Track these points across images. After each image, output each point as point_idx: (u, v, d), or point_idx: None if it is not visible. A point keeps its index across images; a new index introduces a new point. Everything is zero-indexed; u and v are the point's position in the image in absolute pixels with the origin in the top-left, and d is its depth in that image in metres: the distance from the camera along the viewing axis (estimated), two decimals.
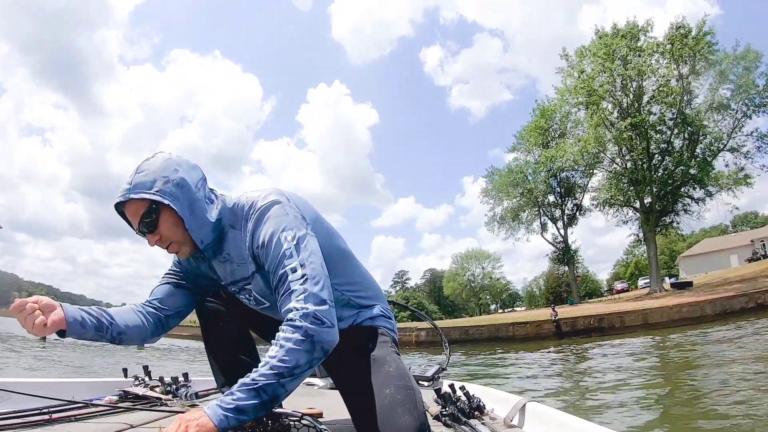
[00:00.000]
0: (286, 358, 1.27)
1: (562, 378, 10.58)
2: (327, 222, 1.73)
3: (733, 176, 31.57)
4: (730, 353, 10.77)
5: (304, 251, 1.42)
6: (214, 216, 1.56)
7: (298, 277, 1.37)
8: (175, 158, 1.57)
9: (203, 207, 1.54)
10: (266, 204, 1.51)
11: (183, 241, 1.55)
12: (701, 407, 6.09)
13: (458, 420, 1.90)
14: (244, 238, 1.54)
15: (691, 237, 62.37)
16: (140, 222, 1.49)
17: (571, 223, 44.33)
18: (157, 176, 1.47)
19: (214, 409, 1.22)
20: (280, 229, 1.45)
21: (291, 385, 1.30)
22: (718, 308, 21.94)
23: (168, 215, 1.49)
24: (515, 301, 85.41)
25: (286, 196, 1.57)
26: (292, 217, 1.50)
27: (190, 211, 1.51)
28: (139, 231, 1.51)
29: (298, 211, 1.54)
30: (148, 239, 1.52)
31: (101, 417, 2.00)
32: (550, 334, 23.85)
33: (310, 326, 1.30)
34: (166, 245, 1.54)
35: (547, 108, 39.69)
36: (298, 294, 1.35)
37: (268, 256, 1.44)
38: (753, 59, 30.60)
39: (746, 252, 51.69)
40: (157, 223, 1.49)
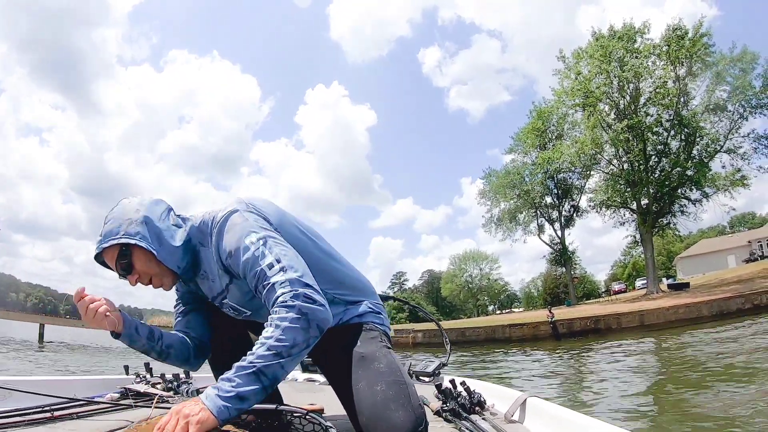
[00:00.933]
0: (283, 337, 1.26)
1: (558, 378, 10.60)
2: (303, 223, 1.74)
3: (730, 177, 31.59)
4: (725, 354, 10.79)
5: (274, 247, 1.43)
6: (180, 240, 1.60)
7: (276, 271, 1.38)
8: (136, 200, 1.63)
9: (170, 236, 1.58)
10: (225, 215, 1.53)
11: (161, 273, 1.59)
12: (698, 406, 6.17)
13: (459, 415, 1.90)
14: (212, 248, 1.57)
15: (689, 238, 62.44)
16: (117, 265, 1.54)
17: (568, 224, 44.37)
18: (121, 221, 1.54)
19: (213, 400, 1.19)
20: (244, 235, 1.46)
21: (290, 365, 1.29)
22: (714, 309, 21.96)
23: (139, 253, 1.54)
24: (513, 302, 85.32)
25: (245, 203, 1.58)
26: (252, 221, 1.51)
27: (158, 244, 1.55)
28: (120, 276, 1.57)
29: (259, 215, 1.56)
30: (129, 281, 1.57)
31: (103, 414, 2.01)
32: (546, 335, 23.86)
33: (303, 304, 1.31)
34: (147, 281, 1.59)
35: (544, 109, 39.69)
36: (281, 283, 1.35)
37: (239, 263, 1.45)
38: (749, 61, 30.69)
39: (743, 253, 51.76)
40: (131, 263, 1.54)
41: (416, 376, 3.24)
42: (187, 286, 1.80)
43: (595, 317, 24.13)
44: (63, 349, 25.49)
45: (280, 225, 1.59)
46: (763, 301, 21.68)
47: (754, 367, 8.71)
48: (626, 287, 58.69)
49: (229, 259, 1.49)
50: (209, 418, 1.15)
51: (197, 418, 1.14)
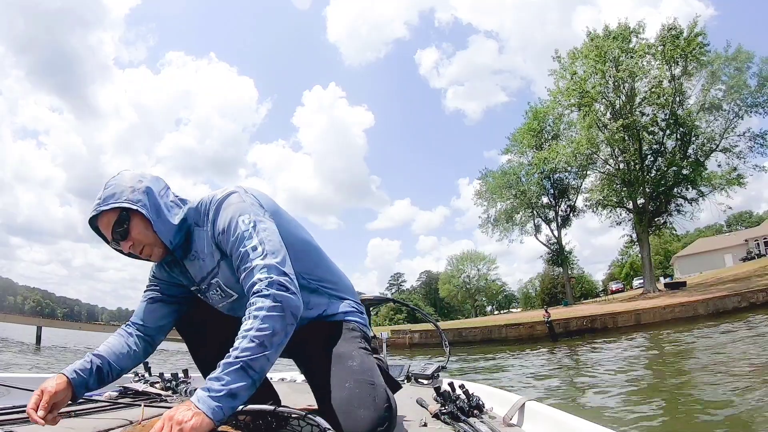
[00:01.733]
0: (263, 326, 1.28)
1: (555, 379, 10.58)
2: (290, 216, 1.78)
3: (726, 176, 31.62)
4: (720, 352, 10.81)
5: (261, 232, 1.48)
6: (178, 218, 1.62)
7: (258, 254, 1.42)
8: (137, 172, 1.66)
9: (168, 211, 1.61)
10: (223, 195, 1.59)
11: (154, 244, 1.60)
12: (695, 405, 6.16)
13: (457, 418, 1.90)
14: (207, 232, 1.61)
15: (686, 237, 62.54)
16: (113, 231, 1.55)
17: (565, 224, 44.48)
18: (123, 188, 1.56)
19: (205, 402, 1.18)
20: (238, 214, 1.51)
21: (274, 355, 1.30)
22: (710, 308, 21.99)
23: (138, 220, 1.56)
24: (511, 303, 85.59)
25: (244, 189, 1.64)
26: (249, 204, 1.56)
27: (156, 215, 1.57)
28: (113, 240, 1.58)
29: (255, 200, 1.60)
30: (122, 246, 1.59)
31: (101, 413, 2.01)
32: (542, 335, 23.83)
33: (277, 292, 1.34)
34: (140, 249, 1.60)
35: (540, 110, 39.83)
36: (260, 268, 1.39)
37: (229, 239, 1.50)
38: (744, 60, 30.77)
39: (740, 251, 51.95)
40: (129, 228, 1.56)
41: (415, 378, 3.31)
42: (168, 272, 1.80)
43: (591, 317, 24.14)
44: (64, 353, 25.47)
45: (274, 213, 1.64)
46: (760, 300, 21.70)
47: (750, 364, 8.72)
48: (624, 287, 58.91)
49: (221, 236, 1.54)
50: (203, 421, 1.14)
51: (191, 424, 1.13)
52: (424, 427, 1.88)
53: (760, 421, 5.06)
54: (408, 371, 3.39)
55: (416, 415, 2.09)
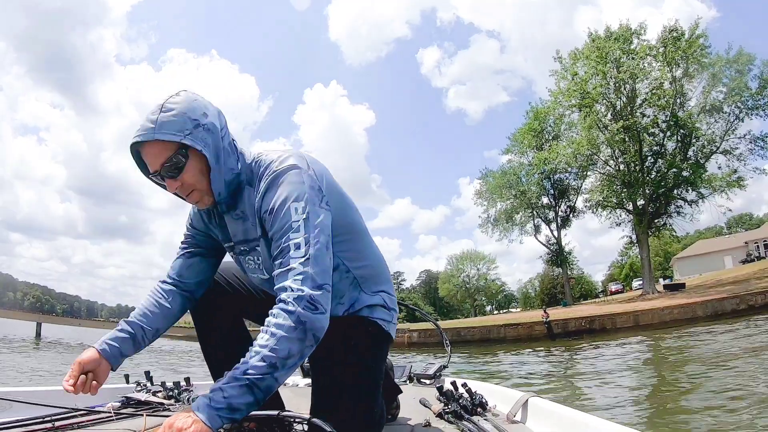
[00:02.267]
0: (277, 348, 1.21)
1: (552, 378, 10.62)
2: (344, 192, 1.64)
3: (726, 178, 31.58)
4: (718, 353, 10.83)
5: (312, 228, 1.34)
6: (238, 167, 1.50)
7: (300, 255, 1.30)
8: (202, 100, 1.47)
9: (227, 157, 1.46)
10: (283, 168, 1.42)
11: (206, 191, 1.46)
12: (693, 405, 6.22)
13: (461, 417, 1.90)
14: (256, 198, 1.46)
15: (686, 238, 62.51)
16: (163, 166, 1.38)
17: (565, 224, 44.41)
18: (186, 118, 1.37)
19: (206, 411, 1.15)
20: (292, 198, 1.36)
21: (284, 377, 1.25)
22: (709, 310, 21.99)
23: (196, 161, 1.40)
24: (510, 303, 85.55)
25: (307, 162, 1.47)
26: (308, 186, 1.40)
27: (216, 160, 1.42)
28: (157, 175, 1.41)
29: (316, 182, 1.44)
30: (167, 184, 1.42)
31: (104, 424, 2.00)
32: (541, 335, 23.86)
33: (303, 312, 1.24)
34: (187, 193, 1.45)
35: (541, 110, 39.76)
36: (296, 273, 1.28)
37: (275, 223, 1.36)
38: (745, 62, 30.70)
39: (740, 253, 52.00)
40: (183, 168, 1.39)
41: (417, 378, 3.30)
42: (206, 223, 1.69)
43: (589, 317, 24.15)
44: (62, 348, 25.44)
45: (330, 192, 1.51)
46: (758, 302, 21.70)
47: (745, 365, 8.75)
48: (623, 287, 58.90)
49: (267, 215, 1.39)
50: (202, 429, 1.13)
51: (190, 430, 1.12)
52: (428, 426, 1.89)
53: (757, 421, 5.11)
54: (410, 372, 3.39)
55: (420, 415, 2.09)
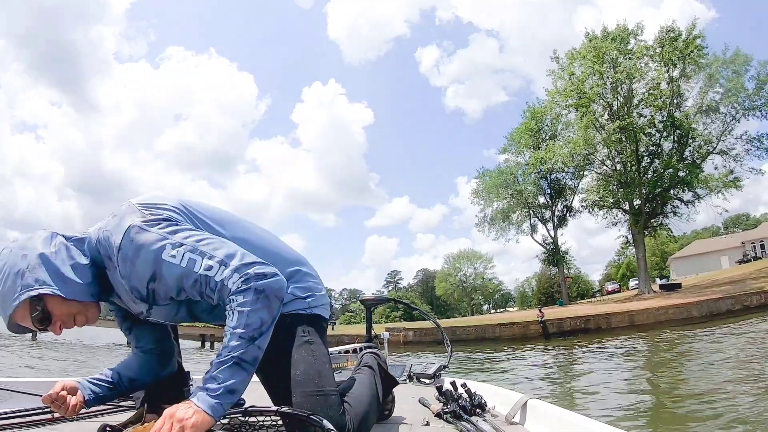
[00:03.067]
0: (249, 322, 1.24)
1: (547, 378, 10.66)
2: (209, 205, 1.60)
3: (723, 179, 31.65)
4: (712, 353, 10.91)
5: (198, 246, 1.33)
6: (82, 270, 1.42)
7: (217, 269, 1.29)
8: (16, 244, 1.41)
9: (70, 268, 1.40)
10: (123, 238, 1.35)
11: (82, 308, 1.42)
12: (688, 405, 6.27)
13: (460, 417, 1.89)
14: (119, 281, 1.43)
15: (683, 238, 62.65)
16: (35, 323, 1.36)
17: (561, 224, 44.48)
18: (15, 276, 1.34)
19: (205, 400, 1.17)
20: (159, 252, 1.32)
21: (265, 341, 1.28)
22: (704, 310, 22.09)
23: (52, 300, 1.35)
24: (508, 302, 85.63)
25: (138, 210, 1.40)
26: (156, 230, 1.35)
27: (62, 282, 1.37)
28: (40, 331, 1.41)
29: (156, 214, 1.39)
30: (52, 331, 1.39)
31: (104, 415, 2.01)
32: (536, 335, 23.94)
33: (257, 283, 1.27)
34: (72, 322, 1.42)
35: (538, 110, 39.86)
36: (228, 278, 1.28)
37: (170, 284, 1.34)
38: (742, 63, 30.81)
39: (737, 254, 52.07)
40: (48, 314, 1.36)
41: (417, 378, 3.28)
42: (114, 305, 1.64)
43: (584, 317, 24.22)
44: (54, 347, 25.39)
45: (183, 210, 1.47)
46: (753, 303, 21.83)
47: (740, 364, 8.83)
48: (620, 287, 58.93)
49: (154, 284, 1.36)
50: (204, 418, 1.14)
51: (192, 421, 1.13)
52: (427, 426, 1.89)
53: (750, 421, 5.15)
54: (410, 371, 3.38)
55: (419, 414, 2.10)
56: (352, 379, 1.83)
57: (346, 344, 16.34)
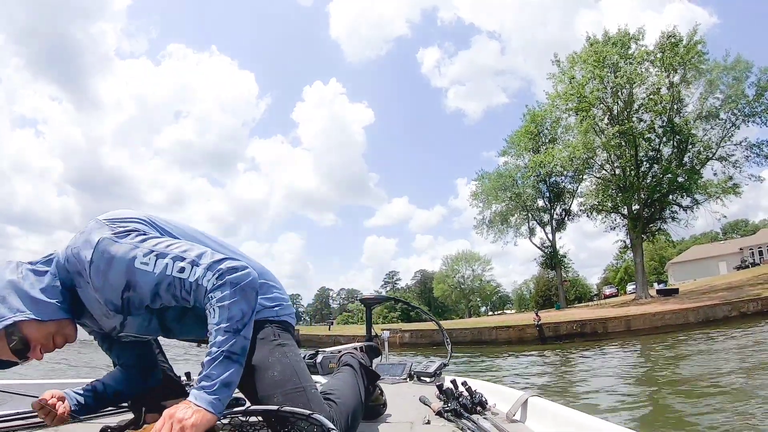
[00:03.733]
0: (231, 315, 1.27)
1: (542, 381, 10.66)
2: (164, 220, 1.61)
3: (722, 185, 31.65)
4: (706, 360, 10.94)
5: (168, 251, 1.35)
6: (51, 290, 1.41)
7: (189, 270, 1.32)
8: None
9: (40, 290, 1.39)
10: (93, 252, 1.37)
11: (58, 328, 1.41)
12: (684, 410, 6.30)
13: (460, 415, 1.90)
14: (91, 296, 1.44)
15: (681, 243, 62.71)
16: (14, 353, 1.35)
17: (560, 227, 44.52)
18: None
19: (203, 398, 1.19)
20: (130, 261, 1.34)
21: (249, 332, 1.31)
22: (701, 316, 22.06)
23: (25, 325, 1.33)
24: (505, 304, 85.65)
25: (104, 224, 1.43)
26: (126, 240, 1.38)
27: (34, 304, 1.36)
28: (21, 360, 1.39)
29: (121, 226, 1.42)
30: (34, 357, 1.38)
31: (103, 418, 2.02)
32: (532, 338, 23.94)
33: (230, 277, 1.30)
34: (51, 345, 1.41)
35: (538, 113, 39.91)
36: (201, 277, 1.31)
37: (143, 291, 1.36)
38: (743, 69, 30.74)
39: (735, 260, 52.12)
40: (26, 340, 1.34)
41: (417, 376, 3.30)
42: (87, 326, 1.65)
43: (581, 321, 24.19)
44: None
45: (148, 221, 1.51)
46: (750, 309, 21.79)
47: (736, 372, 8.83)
48: (618, 291, 59.00)
49: (129, 292, 1.37)
50: (204, 416, 1.16)
51: (191, 421, 1.14)
52: (428, 424, 1.90)
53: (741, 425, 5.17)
54: (410, 369, 3.39)
55: (419, 412, 2.11)
56: (333, 379, 1.85)
57: (342, 344, 16.30)
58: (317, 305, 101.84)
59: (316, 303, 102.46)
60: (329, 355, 3.26)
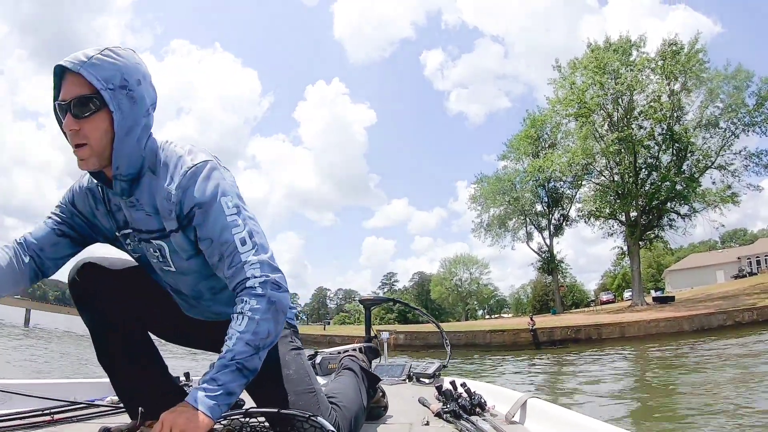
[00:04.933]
0: (259, 330, 1.24)
1: (534, 386, 10.67)
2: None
3: (720, 194, 31.67)
4: (699, 366, 11.00)
5: (248, 220, 1.36)
6: (144, 151, 1.39)
7: (249, 249, 1.32)
8: (145, 70, 1.37)
9: (141, 135, 1.36)
10: (200, 163, 1.37)
11: (97, 153, 1.31)
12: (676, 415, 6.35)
13: (459, 417, 1.91)
14: (163, 189, 1.37)
15: (680, 251, 62.63)
16: (74, 100, 1.26)
17: (558, 232, 44.56)
18: (118, 74, 1.28)
19: (203, 401, 1.16)
20: (221, 193, 1.34)
21: (264, 354, 1.29)
22: (695, 325, 22.10)
23: (103, 119, 1.28)
24: (503, 308, 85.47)
25: (219, 162, 1.45)
26: (230, 182, 1.40)
27: (126, 131, 1.31)
28: (64, 106, 1.28)
29: (231, 176, 1.45)
30: (66, 121, 1.28)
31: (103, 417, 2.01)
32: (527, 343, 23.95)
33: (273, 293, 1.28)
34: (79, 143, 1.29)
35: (538, 118, 39.93)
36: (251, 264, 1.30)
37: (207, 221, 1.33)
38: (743, 78, 30.76)
39: (732, 268, 52.01)
40: (91, 115, 1.27)
41: (417, 377, 3.30)
42: (92, 208, 1.54)
43: (575, 327, 24.23)
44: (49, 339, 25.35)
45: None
46: (745, 319, 21.82)
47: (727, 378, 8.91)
48: (614, 297, 58.89)
49: (198, 209, 1.33)
50: (203, 420, 1.14)
51: (191, 424, 1.13)
52: (427, 425, 1.92)
53: None
54: (409, 370, 3.39)
55: (418, 414, 2.13)
56: (335, 383, 1.88)
57: (337, 344, 16.30)
58: (314, 305, 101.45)
59: (313, 303, 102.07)
60: (329, 356, 3.28)
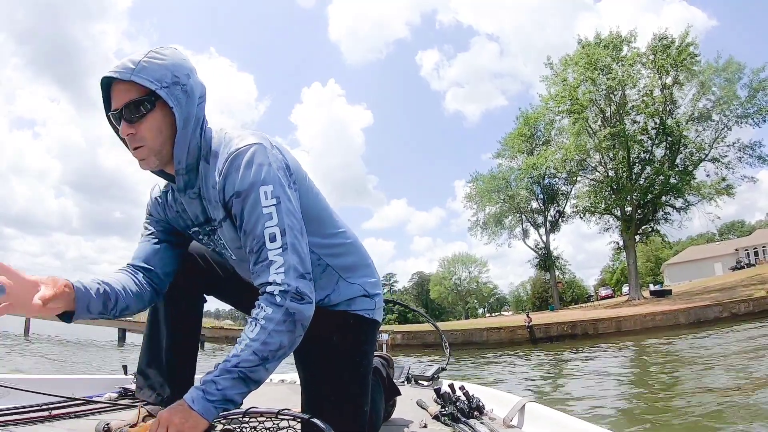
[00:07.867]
0: (269, 341, 1.19)
1: (530, 382, 10.69)
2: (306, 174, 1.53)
3: (715, 186, 31.77)
4: (697, 359, 11.08)
5: (285, 214, 1.27)
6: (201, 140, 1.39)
7: (277, 246, 1.24)
8: (189, 63, 1.38)
9: (195, 126, 1.36)
10: (245, 146, 1.31)
11: (156, 151, 1.34)
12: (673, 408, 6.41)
13: (457, 420, 1.90)
14: (213, 177, 1.36)
15: (678, 245, 62.76)
16: (125, 106, 1.28)
17: (554, 229, 44.68)
18: (169, 71, 1.29)
19: (201, 402, 1.13)
20: (260, 181, 1.27)
21: (274, 367, 1.23)
22: (692, 317, 22.14)
23: (159, 117, 1.30)
24: (503, 306, 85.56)
25: (269, 140, 1.38)
26: (275, 168, 1.31)
27: (184, 124, 1.32)
28: (117, 114, 1.30)
29: (281, 161, 1.36)
30: (122, 128, 1.30)
31: (101, 414, 1.99)
32: (523, 339, 23.93)
33: (292, 303, 1.21)
34: (137, 146, 1.32)
35: (531, 115, 40.06)
36: (277, 266, 1.23)
37: (244, 210, 1.28)
38: (735, 71, 30.84)
39: (730, 260, 52.26)
40: (144, 117, 1.29)
41: (415, 380, 3.28)
42: (163, 210, 1.56)
43: (571, 323, 24.22)
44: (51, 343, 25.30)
45: (296, 172, 1.42)
46: (741, 310, 21.87)
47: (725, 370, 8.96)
48: (613, 293, 59.00)
49: (235, 198, 1.29)
50: (199, 422, 1.12)
51: (186, 424, 1.11)
52: (425, 428, 1.92)
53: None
54: (408, 372, 3.37)
55: (416, 416, 2.12)
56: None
57: None
58: None
59: None
60: None
